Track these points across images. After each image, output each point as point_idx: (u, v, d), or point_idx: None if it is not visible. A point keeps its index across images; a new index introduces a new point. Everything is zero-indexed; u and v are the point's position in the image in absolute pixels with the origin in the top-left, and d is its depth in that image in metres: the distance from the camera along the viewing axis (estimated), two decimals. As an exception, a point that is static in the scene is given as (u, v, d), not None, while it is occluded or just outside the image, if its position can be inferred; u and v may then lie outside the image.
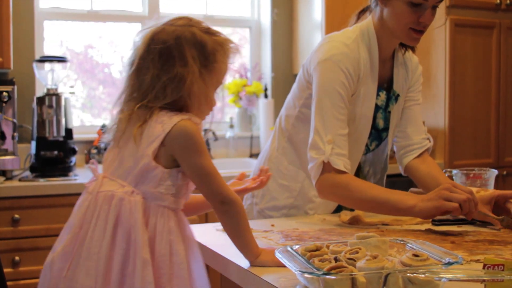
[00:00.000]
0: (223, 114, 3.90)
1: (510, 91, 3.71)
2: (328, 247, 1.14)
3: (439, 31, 3.49)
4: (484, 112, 3.64)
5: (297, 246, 1.15)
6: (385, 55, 1.83)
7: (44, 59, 3.07)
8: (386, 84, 1.87)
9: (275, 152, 1.92)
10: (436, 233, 1.55)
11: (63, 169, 2.96)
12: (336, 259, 1.04)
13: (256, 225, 1.67)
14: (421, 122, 1.95)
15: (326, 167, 1.67)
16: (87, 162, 3.32)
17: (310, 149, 1.71)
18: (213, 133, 3.55)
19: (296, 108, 1.87)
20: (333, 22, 3.38)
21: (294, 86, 1.90)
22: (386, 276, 0.93)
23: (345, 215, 1.75)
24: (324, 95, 1.71)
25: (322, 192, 1.72)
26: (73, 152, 3.07)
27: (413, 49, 1.91)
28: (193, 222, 2.82)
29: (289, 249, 1.14)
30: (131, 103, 1.37)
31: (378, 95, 1.83)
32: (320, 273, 0.98)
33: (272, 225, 1.67)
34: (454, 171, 1.92)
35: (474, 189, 1.78)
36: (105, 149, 3.50)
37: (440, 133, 3.52)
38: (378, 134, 1.88)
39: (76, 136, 3.23)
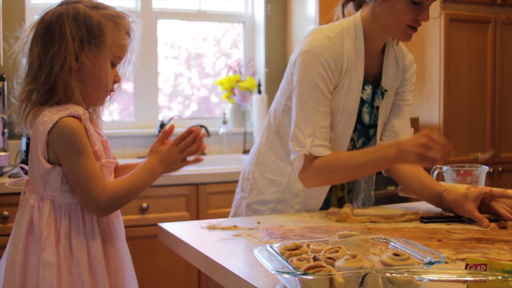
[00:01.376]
0: (222, 110, 3.87)
1: (505, 87, 3.68)
2: (308, 246, 1.12)
3: (434, 26, 3.46)
4: (479, 108, 3.61)
5: (277, 245, 1.13)
6: (374, 50, 1.81)
7: (35, 55, 3.04)
8: (372, 79, 1.84)
9: (263, 147, 1.92)
10: (423, 230, 1.52)
11: (54, 166, 2.93)
12: (315, 259, 1.02)
13: (242, 223, 1.65)
14: (409, 123, 1.93)
15: (308, 159, 1.71)
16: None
17: (291, 140, 1.74)
18: (206, 129, 3.52)
19: (282, 101, 1.86)
20: (326, 16, 3.34)
21: (282, 81, 1.88)
22: (364, 276, 0.91)
23: (333, 213, 1.72)
24: (304, 87, 1.72)
25: (307, 182, 1.75)
26: (64, 148, 3.04)
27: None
28: (184, 218, 2.81)
29: (268, 248, 1.11)
30: (23, 86, 1.38)
31: (363, 89, 1.80)
32: (297, 273, 0.95)
33: (258, 223, 1.65)
34: (445, 168, 1.90)
35: (464, 186, 1.76)
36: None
37: (435, 129, 3.49)
38: (365, 130, 1.86)
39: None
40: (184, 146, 1.42)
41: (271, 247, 1.11)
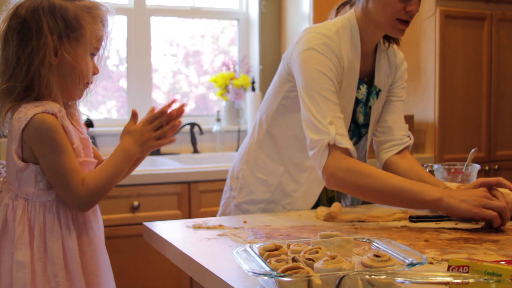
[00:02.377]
0: (221, 107, 3.85)
1: (501, 84, 3.65)
2: (289, 246, 1.09)
3: (429, 23, 3.43)
4: (475, 105, 3.58)
5: (258, 245, 1.10)
6: (367, 49, 1.77)
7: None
8: (367, 79, 1.81)
9: (253, 146, 1.88)
10: (411, 230, 1.50)
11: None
12: (293, 260, 0.99)
13: (228, 222, 1.62)
14: (403, 119, 1.90)
15: (332, 150, 1.58)
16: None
17: (311, 133, 1.62)
18: (199, 127, 3.50)
19: (276, 100, 1.81)
20: (321, 13, 3.32)
21: (275, 79, 1.85)
22: (341, 278, 0.88)
23: (321, 211, 1.70)
24: (312, 81, 1.64)
25: (334, 177, 1.59)
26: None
27: (397, 42, 1.85)
28: (175, 217, 2.79)
29: (247, 248, 1.08)
30: None
31: (358, 88, 1.77)
32: (274, 274, 0.93)
33: (245, 222, 1.62)
34: (435, 166, 1.87)
35: (455, 185, 1.74)
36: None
37: (430, 127, 3.47)
38: (357, 129, 1.83)
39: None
40: (158, 124, 1.39)
41: (250, 247, 1.09)
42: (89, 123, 3.27)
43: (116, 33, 3.55)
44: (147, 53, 3.62)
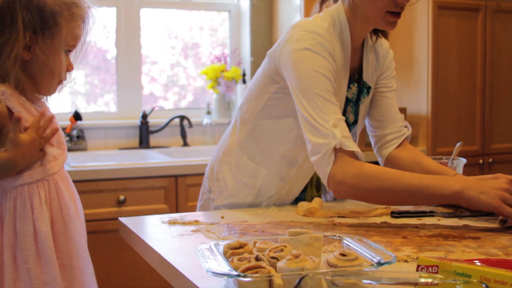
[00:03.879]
0: (212, 100, 3.80)
1: (496, 76, 3.60)
2: (255, 244, 1.05)
3: (421, 14, 3.37)
4: (469, 97, 3.53)
5: (224, 243, 1.06)
6: (355, 44, 1.69)
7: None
8: (356, 75, 1.75)
9: (235, 146, 1.78)
10: (391, 226, 1.45)
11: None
12: (257, 258, 0.95)
13: (205, 217, 1.58)
14: (397, 110, 1.82)
15: (339, 154, 1.47)
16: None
17: (313, 138, 1.50)
18: (188, 120, 3.45)
19: (260, 100, 1.71)
20: (312, 5, 3.25)
21: (259, 76, 1.74)
22: (300, 278, 0.83)
23: (301, 207, 1.65)
24: (310, 82, 1.53)
25: (344, 185, 1.47)
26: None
27: (385, 35, 1.78)
28: (162, 211, 2.75)
29: (212, 246, 1.04)
30: None
31: (349, 87, 1.70)
32: (233, 274, 0.89)
33: (222, 217, 1.58)
34: (421, 160, 1.82)
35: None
36: (77, 136, 3.37)
37: (423, 119, 3.42)
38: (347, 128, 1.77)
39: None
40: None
41: (215, 245, 1.04)
42: (77, 116, 3.23)
43: (109, 26, 3.51)
44: (137, 45, 3.57)
